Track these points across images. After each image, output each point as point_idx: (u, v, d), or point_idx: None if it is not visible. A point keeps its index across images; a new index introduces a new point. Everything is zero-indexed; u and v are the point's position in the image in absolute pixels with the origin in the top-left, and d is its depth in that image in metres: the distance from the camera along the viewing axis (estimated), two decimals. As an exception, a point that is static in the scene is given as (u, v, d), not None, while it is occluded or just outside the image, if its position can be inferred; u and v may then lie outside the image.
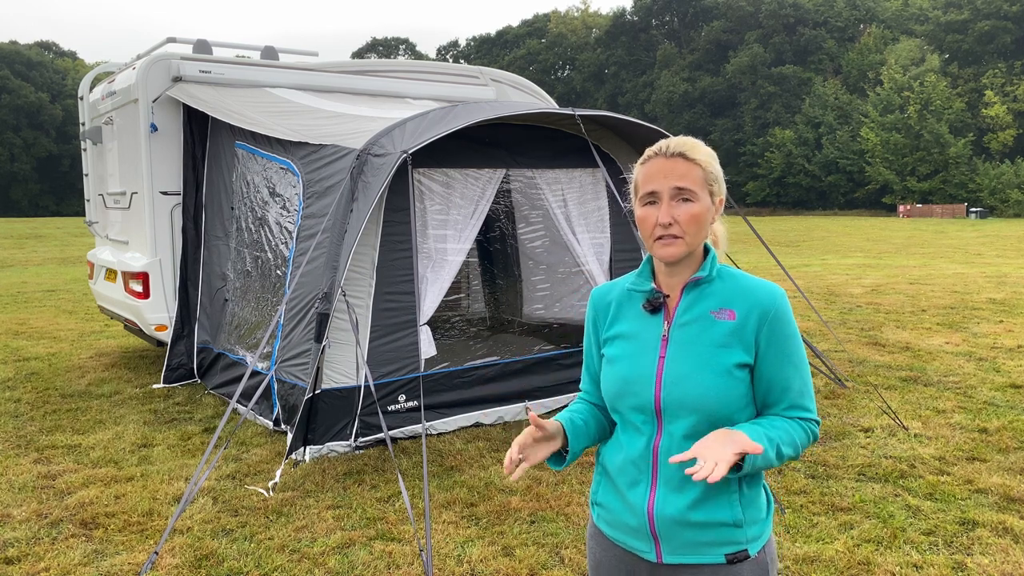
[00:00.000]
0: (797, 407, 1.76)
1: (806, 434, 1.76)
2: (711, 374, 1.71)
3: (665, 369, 1.74)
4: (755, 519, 1.77)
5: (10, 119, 71.25)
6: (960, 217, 50.21)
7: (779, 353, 1.73)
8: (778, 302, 1.73)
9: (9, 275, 18.53)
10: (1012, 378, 7.01)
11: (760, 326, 1.72)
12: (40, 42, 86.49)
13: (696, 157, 1.74)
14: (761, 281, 1.77)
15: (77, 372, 7.84)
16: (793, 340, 1.75)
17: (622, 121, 6.21)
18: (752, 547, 1.76)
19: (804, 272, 16.65)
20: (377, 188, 5.01)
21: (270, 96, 7.25)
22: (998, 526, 4.02)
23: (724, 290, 1.76)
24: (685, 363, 1.73)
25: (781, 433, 1.72)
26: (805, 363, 1.77)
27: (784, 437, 1.72)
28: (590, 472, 4.88)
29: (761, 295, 1.74)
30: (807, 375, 1.77)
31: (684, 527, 1.73)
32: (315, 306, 5.02)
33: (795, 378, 1.75)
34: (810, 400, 1.78)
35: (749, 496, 1.76)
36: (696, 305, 1.76)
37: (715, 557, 1.74)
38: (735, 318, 1.73)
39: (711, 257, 1.79)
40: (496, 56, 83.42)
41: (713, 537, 1.73)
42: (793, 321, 1.76)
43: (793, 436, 1.73)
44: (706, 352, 1.72)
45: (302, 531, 4.10)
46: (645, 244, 1.78)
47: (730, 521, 1.73)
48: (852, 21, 68.71)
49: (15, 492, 4.68)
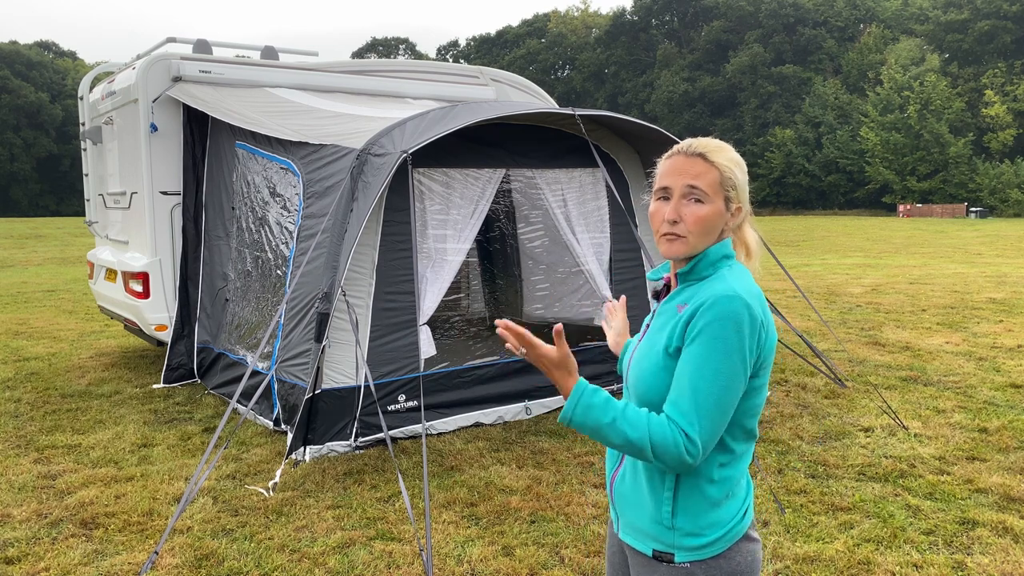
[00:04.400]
0: (672, 403, 1.64)
1: (669, 435, 1.60)
2: (649, 362, 1.76)
3: (635, 352, 1.85)
4: (691, 530, 1.71)
5: (10, 119, 71.23)
6: (960, 217, 50.19)
7: (691, 348, 1.64)
8: (715, 300, 1.64)
9: (9, 275, 18.53)
10: (1012, 378, 7.01)
11: (691, 318, 1.68)
12: (40, 42, 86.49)
13: (716, 160, 1.74)
14: (729, 283, 1.69)
15: (77, 372, 7.84)
16: (708, 344, 1.62)
17: (622, 121, 6.21)
18: (681, 554, 1.72)
19: (804, 272, 16.65)
20: (377, 188, 5.01)
21: (270, 96, 7.25)
22: (998, 526, 4.02)
23: (699, 288, 1.74)
24: (642, 349, 1.81)
25: (633, 415, 1.62)
26: (705, 368, 1.62)
27: (633, 419, 1.61)
28: (590, 472, 4.89)
29: (707, 293, 1.68)
30: (701, 386, 1.61)
31: (629, 507, 1.81)
32: (315, 306, 5.02)
33: (683, 377, 1.64)
34: (690, 407, 1.61)
35: (689, 504, 1.71)
36: (673, 298, 1.81)
37: (645, 547, 1.78)
38: (682, 312, 1.73)
39: (701, 256, 1.75)
40: (496, 56, 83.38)
41: (646, 527, 1.77)
42: (724, 324, 1.63)
43: (647, 425, 1.60)
44: (657, 342, 1.76)
45: (302, 531, 4.10)
46: (655, 238, 1.82)
47: (656, 518, 1.75)
48: (852, 21, 68.68)
49: (15, 492, 4.68)
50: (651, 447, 1.60)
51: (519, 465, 5.02)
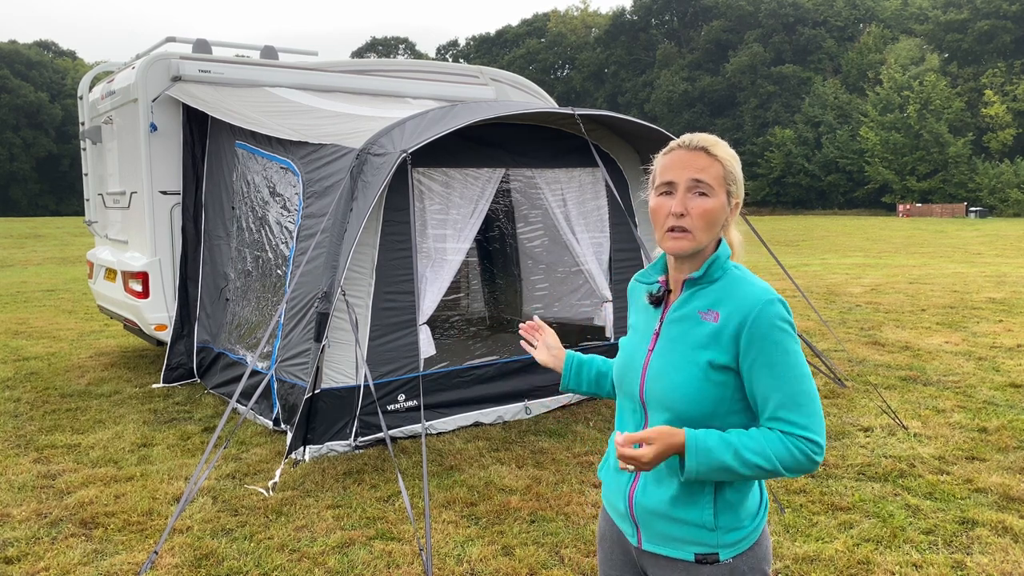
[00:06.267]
0: (778, 419, 1.65)
1: (787, 449, 1.63)
2: (684, 374, 1.70)
3: (650, 363, 1.78)
4: (732, 526, 1.73)
5: (10, 119, 71.20)
6: (960, 216, 50.20)
7: (761, 360, 1.66)
8: (762, 307, 1.66)
9: (9, 275, 18.52)
10: (1012, 377, 7.01)
11: (740, 330, 1.67)
12: (39, 41, 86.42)
13: (718, 154, 1.74)
14: (757, 285, 1.71)
15: (77, 372, 7.84)
16: (778, 348, 1.65)
17: (622, 121, 6.21)
18: (725, 552, 1.73)
19: (804, 272, 16.65)
20: (377, 187, 5.01)
21: (270, 96, 7.25)
22: (997, 525, 4.02)
23: (718, 291, 1.73)
24: (665, 360, 1.75)
25: (748, 440, 1.63)
26: (794, 374, 1.65)
27: (750, 444, 1.63)
28: (590, 472, 4.89)
29: (747, 299, 1.68)
30: (798, 388, 1.65)
31: (659, 518, 1.76)
32: (315, 305, 5.01)
33: (776, 388, 1.65)
34: (799, 415, 1.64)
35: (729, 501, 1.73)
36: (688, 303, 1.76)
37: (685, 554, 1.75)
38: (718, 320, 1.70)
39: (713, 258, 1.75)
40: (496, 55, 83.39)
41: (684, 534, 1.74)
42: (783, 329, 1.66)
43: (765, 447, 1.63)
44: (686, 352, 1.72)
45: (302, 531, 4.10)
46: (656, 235, 1.78)
47: (699, 522, 1.72)
48: (852, 20, 68.71)
49: (15, 492, 4.68)
50: (781, 465, 1.63)
51: (519, 465, 5.02)
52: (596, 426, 5.82)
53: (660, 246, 1.78)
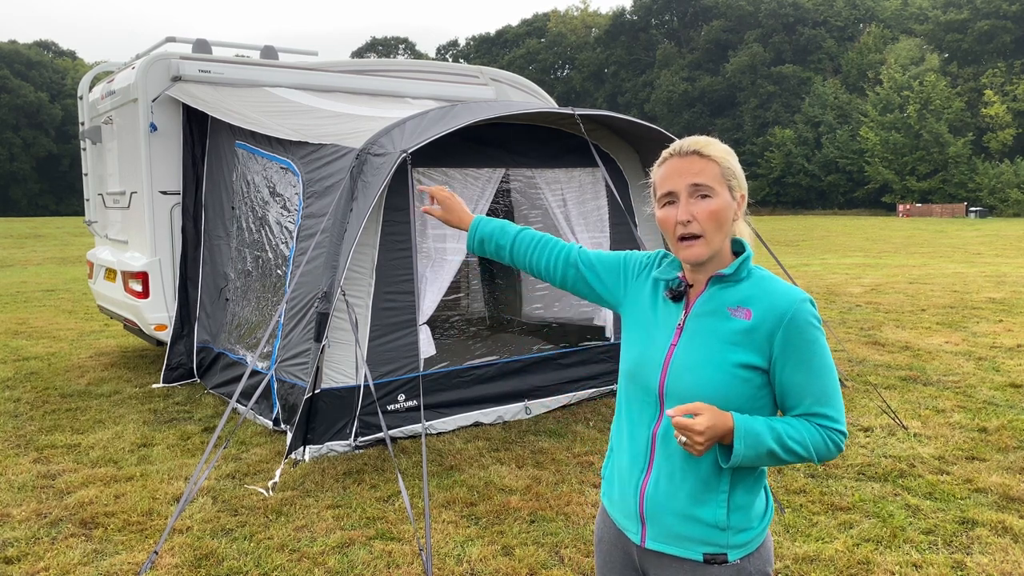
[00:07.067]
0: (815, 414, 1.71)
1: (823, 439, 1.69)
2: (713, 370, 1.71)
3: (673, 357, 1.76)
4: (743, 526, 1.75)
5: (10, 119, 71.22)
6: (960, 216, 50.21)
7: (796, 359, 1.69)
8: (797, 307, 1.69)
9: (9, 275, 18.52)
10: (1011, 377, 7.01)
11: (775, 330, 1.69)
12: (39, 41, 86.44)
13: (711, 153, 1.74)
14: (788, 286, 1.74)
15: (76, 372, 7.84)
16: (813, 346, 1.69)
17: (622, 120, 6.21)
18: (734, 553, 1.74)
19: (804, 272, 16.65)
20: (377, 187, 5.01)
21: (270, 96, 7.25)
22: (997, 525, 4.02)
23: (747, 289, 1.74)
24: (692, 354, 1.74)
25: (788, 428, 1.68)
26: (827, 371, 1.71)
27: (791, 432, 1.68)
28: (590, 472, 4.89)
29: (781, 299, 1.71)
30: (830, 383, 1.71)
31: (669, 516, 1.76)
32: (315, 305, 5.01)
33: (812, 384, 1.70)
34: (833, 409, 1.71)
35: (740, 501, 1.74)
36: (715, 299, 1.76)
37: (693, 553, 1.74)
38: (751, 318, 1.71)
39: (745, 256, 1.77)
40: (496, 55, 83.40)
41: (694, 533, 1.74)
42: (815, 327, 1.70)
43: (804, 434, 1.68)
44: (715, 347, 1.72)
45: (302, 531, 4.10)
46: (670, 246, 1.79)
47: (712, 521, 1.72)
48: (852, 20, 68.71)
49: (15, 492, 4.68)
50: (815, 454, 1.70)
51: (519, 465, 5.02)
52: (596, 426, 5.82)
53: (677, 256, 1.79)
